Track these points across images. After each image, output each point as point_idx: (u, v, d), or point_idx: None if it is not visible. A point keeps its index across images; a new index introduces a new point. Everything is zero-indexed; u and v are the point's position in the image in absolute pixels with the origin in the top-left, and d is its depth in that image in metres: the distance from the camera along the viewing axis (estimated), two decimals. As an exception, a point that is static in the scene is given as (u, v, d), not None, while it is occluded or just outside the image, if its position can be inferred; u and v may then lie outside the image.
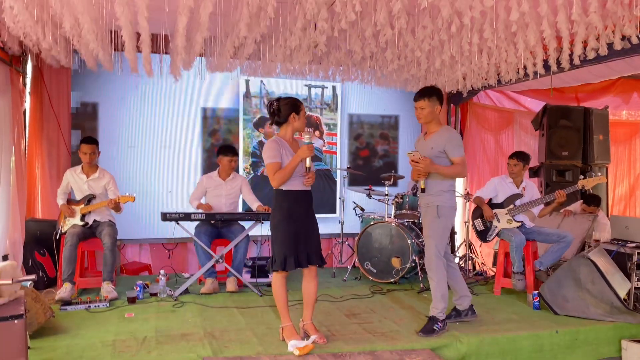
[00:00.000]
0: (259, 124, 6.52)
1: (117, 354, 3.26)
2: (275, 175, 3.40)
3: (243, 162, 6.48)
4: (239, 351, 3.35)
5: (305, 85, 6.62)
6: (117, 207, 4.71)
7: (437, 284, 3.79)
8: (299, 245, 3.44)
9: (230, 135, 6.38)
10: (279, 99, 3.54)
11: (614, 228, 5.03)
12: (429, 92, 3.79)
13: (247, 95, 6.46)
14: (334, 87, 6.74)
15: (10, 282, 2.33)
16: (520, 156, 5.04)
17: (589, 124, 6.75)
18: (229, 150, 5.16)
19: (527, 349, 3.79)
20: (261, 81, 6.45)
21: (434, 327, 3.73)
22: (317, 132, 6.68)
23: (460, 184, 7.16)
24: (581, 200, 6.16)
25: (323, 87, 6.70)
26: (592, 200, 5.96)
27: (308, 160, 3.42)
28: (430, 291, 3.86)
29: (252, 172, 6.50)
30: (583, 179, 4.86)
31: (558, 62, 4.62)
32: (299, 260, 3.44)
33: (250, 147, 6.51)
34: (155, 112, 6.13)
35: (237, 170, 5.56)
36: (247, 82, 6.43)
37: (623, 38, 4.09)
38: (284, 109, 3.49)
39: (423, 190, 3.80)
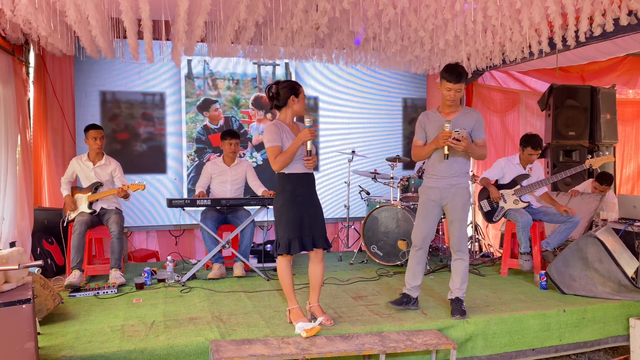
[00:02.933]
0: (203, 107, 6.21)
1: (125, 338, 3.28)
2: (276, 159, 3.39)
3: (187, 148, 6.18)
4: (247, 334, 3.37)
5: (254, 63, 6.28)
6: (126, 196, 4.72)
7: (467, 266, 3.81)
8: (303, 228, 3.44)
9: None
10: (277, 83, 3.50)
11: (622, 207, 5.00)
12: (465, 74, 3.62)
13: (190, 76, 6.13)
14: (286, 65, 6.38)
15: (17, 267, 2.34)
16: (542, 144, 5.00)
17: (596, 103, 6.68)
18: (228, 133, 5.16)
19: (535, 328, 3.79)
20: (204, 61, 6.09)
21: (463, 308, 3.74)
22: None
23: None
24: (589, 180, 6.11)
25: (274, 65, 6.35)
26: (605, 178, 5.88)
27: (309, 144, 3.40)
28: (452, 273, 3.83)
29: (197, 159, 6.20)
30: (591, 158, 4.82)
31: (564, 40, 4.55)
32: (303, 244, 3.44)
33: (195, 132, 6.19)
34: (161, 100, 6.12)
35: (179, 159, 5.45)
36: (188, 62, 6.06)
37: (630, 13, 4.03)
38: (282, 93, 3.46)
39: (447, 157, 3.59)
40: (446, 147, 3.55)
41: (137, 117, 6.02)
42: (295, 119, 3.58)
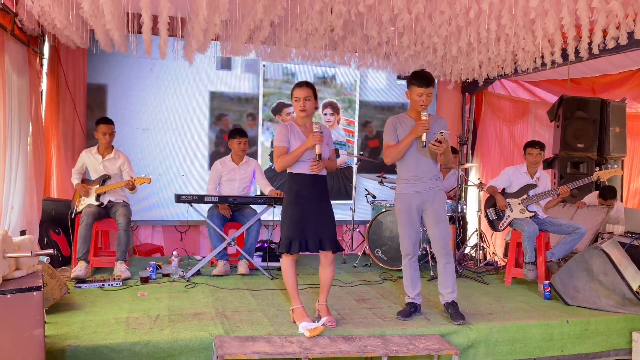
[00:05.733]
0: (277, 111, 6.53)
1: (130, 330, 3.31)
2: (278, 159, 3.46)
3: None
4: (250, 331, 3.39)
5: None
6: (132, 187, 4.76)
7: (454, 269, 3.80)
8: (306, 229, 3.44)
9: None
10: None
11: (629, 221, 4.98)
12: (433, 79, 3.64)
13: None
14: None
15: (29, 254, 2.37)
16: (542, 145, 4.99)
17: (606, 115, 6.67)
18: (237, 132, 5.19)
19: (537, 338, 3.79)
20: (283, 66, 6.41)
21: (460, 310, 3.74)
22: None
23: (473, 173, 7.14)
24: (596, 193, 6.10)
25: None
26: (608, 192, 5.87)
27: (318, 147, 3.42)
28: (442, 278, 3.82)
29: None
30: (598, 170, 4.81)
31: (576, 51, 4.56)
32: (307, 245, 3.45)
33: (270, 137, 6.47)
34: (169, 95, 6.15)
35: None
36: (263, 66, 6.43)
37: (644, 27, 4.02)
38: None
39: (424, 145, 3.55)
40: (424, 135, 3.53)
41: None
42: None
